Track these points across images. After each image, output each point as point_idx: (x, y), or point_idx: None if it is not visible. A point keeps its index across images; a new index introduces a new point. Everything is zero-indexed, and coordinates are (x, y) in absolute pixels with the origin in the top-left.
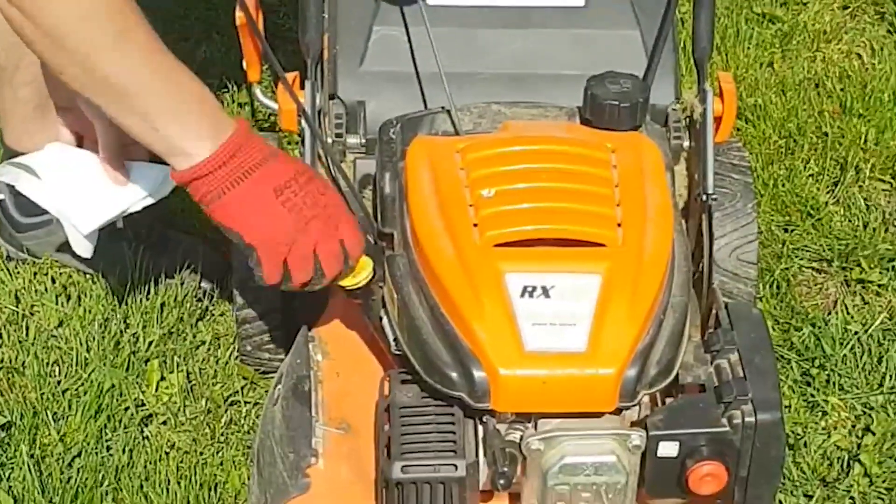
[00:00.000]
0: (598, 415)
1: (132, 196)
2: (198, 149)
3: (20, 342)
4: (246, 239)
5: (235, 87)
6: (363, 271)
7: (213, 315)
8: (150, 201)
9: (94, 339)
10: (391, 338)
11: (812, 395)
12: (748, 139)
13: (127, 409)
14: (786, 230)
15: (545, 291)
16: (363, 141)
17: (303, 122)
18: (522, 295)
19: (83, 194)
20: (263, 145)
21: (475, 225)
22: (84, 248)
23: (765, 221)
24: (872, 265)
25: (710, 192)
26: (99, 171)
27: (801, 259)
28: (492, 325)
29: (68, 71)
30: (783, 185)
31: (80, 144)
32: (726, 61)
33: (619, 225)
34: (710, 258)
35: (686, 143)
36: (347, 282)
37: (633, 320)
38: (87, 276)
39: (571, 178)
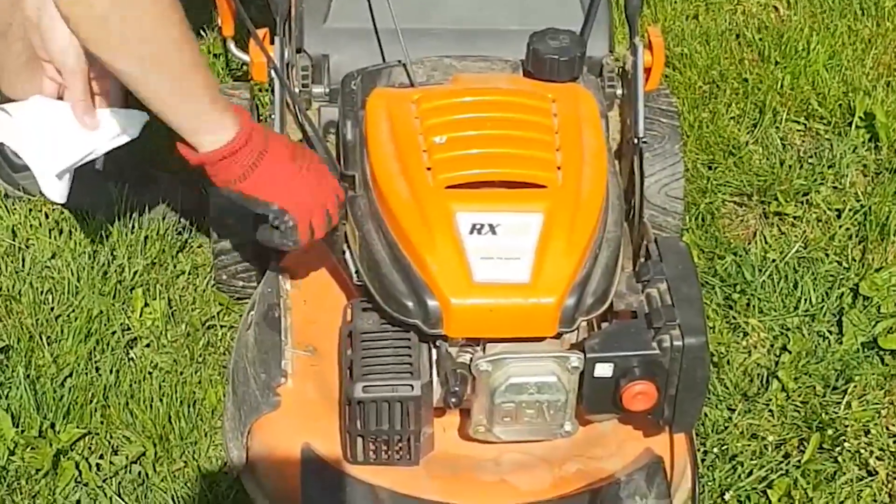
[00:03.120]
0: (541, 339)
1: (101, 138)
2: (223, 131)
3: (17, 273)
4: (280, 205)
5: (211, 41)
6: None
7: (192, 247)
8: (118, 142)
9: (84, 269)
10: (353, 270)
11: (734, 318)
12: (675, 86)
13: (114, 333)
14: (710, 168)
15: (492, 229)
16: (327, 91)
17: (272, 73)
18: (471, 232)
19: (55, 140)
20: (261, 127)
21: (428, 169)
22: (56, 193)
23: (691, 160)
24: (788, 199)
25: (640, 135)
26: (69, 117)
27: (724, 194)
28: (444, 258)
29: (105, 55)
30: (707, 127)
31: (60, 95)
32: (655, 14)
33: (558, 168)
34: (641, 195)
35: (619, 92)
36: None
37: (571, 254)
38: (78, 212)
39: (516, 126)
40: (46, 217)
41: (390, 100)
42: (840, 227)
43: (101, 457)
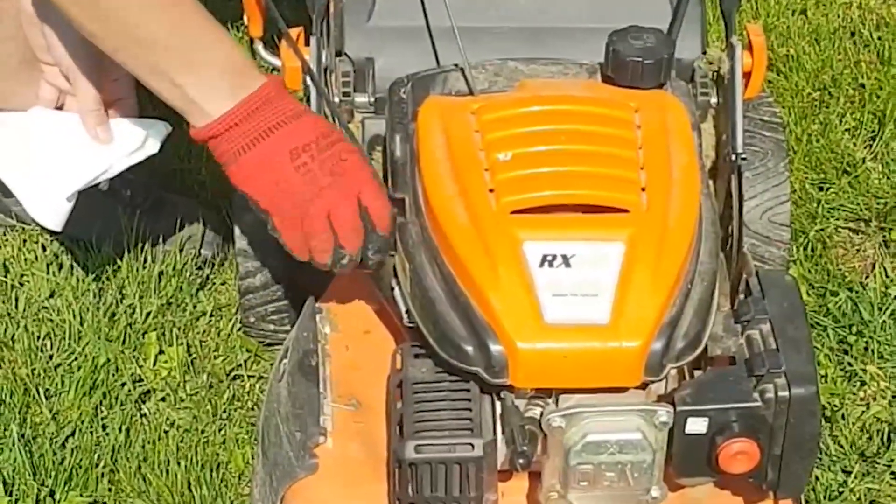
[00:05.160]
0: (623, 390)
1: (116, 154)
2: (214, 105)
3: (9, 314)
4: (261, 204)
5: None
6: None
7: (215, 284)
8: (136, 159)
9: (87, 310)
10: (403, 309)
11: (849, 365)
12: (780, 93)
13: (123, 384)
14: (820, 189)
15: (565, 260)
16: (372, 100)
17: (308, 80)
18: (542, 264)
19: (62, 158)
20: (290, 104)
21: (491, 190)
22: (51, 219)
23: (798, 180)
24: None
25: (739, 151)
26: (79, 130)
27: (837, 219)
28: (509, 296)
29: (86, 22)
30: (817, 141)
31: (60, 104)
32: (755, 9)
33: (643, 189)
34: (740, 221)
35: (713, 100)
36: None
37: (658, 290)
38: (80, 243)
39: (593, 140)
40: (44, 249)
41: (446, 110)
42: None
43: None
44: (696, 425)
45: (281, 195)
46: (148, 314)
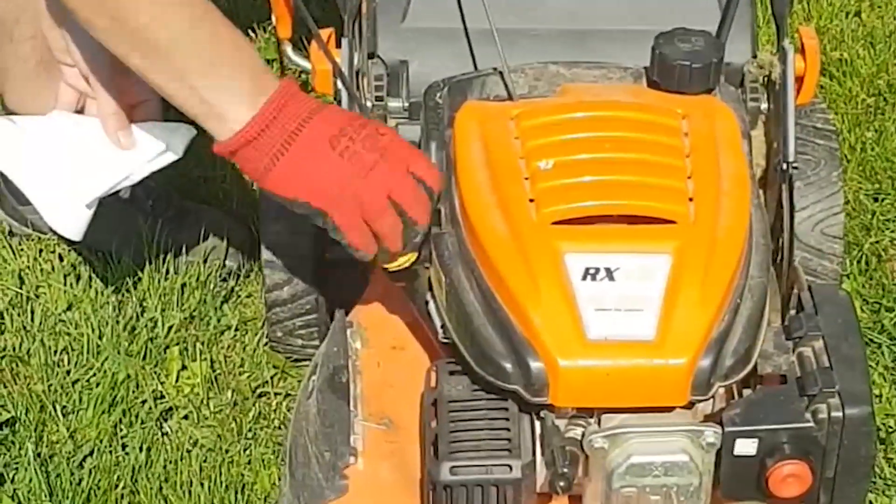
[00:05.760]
0: (669, 409)
1: (138, 160)
2: (235, 110)
3: (24, 328)
4: (314, 204)
5: (263, 44)
6: None
7: (240, 297)
8: (158, 164)
9: (106, 324)
10: (438, 324)
11: None
12: (833, 99)
13: (144, 402)
14: (875, 199)
15: (609, 273)
16: (406, 105)
17: (339, 83)
18: (584, 277)
19: (82, 164)
20: (308, 99)
21: (531, 200)
22: (70, 228)
23: (852, 190)
24: None
25: (790, 159)
26: (99, 134)
27: (893, 231)
28: (550, 310)
29: (98, 23)
30: (872, 150)
31: (80, 108)
32: (808, 11)
33: (690, 199)
34: (792, 233)
35: (764, 106)
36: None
37: (706, 305)
38: (100, 253)
39: (638, 148)
40: (61, 259)
41: (484, 116)
42: None
43: None
44: (746, 447)
45: (334, 187)
46: (170, 328)
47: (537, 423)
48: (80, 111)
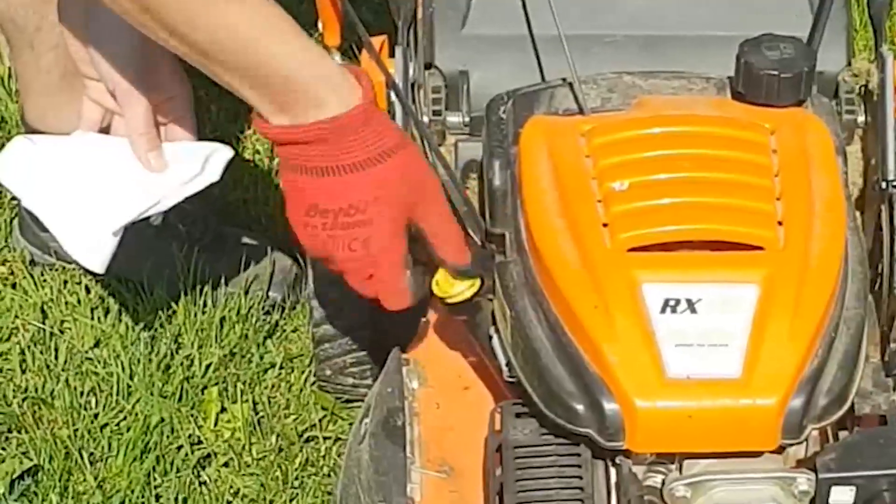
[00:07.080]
0: (757, 454)
1: (170, 183)
2: (331, 96)
3: (48, 367)
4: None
5: None
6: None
7: (285, 332)
8: (193, 188)
9: (138, 362)
10: (503, 362)
11: None
12: None
13: (180, 448)
14: None
15: (690, 305)
16: (466, 120)
17: (392, 96)
18: (663, 310)
19: (106, 188)
20: (390, 127)
21: (605, 225)
22: (94, 260)
23: None
24: None
25: (890, 178)
26: (127, 156)
27: None
28: (626, 346)
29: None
30: None
31: (107, 125)
32: None
33: (779, 223)
34: (892, 260)
35: (861, 119)
36: (449, 294)
37: (797, 339)
38: (130, 284)
39: (722, 167)
40: (88, 291)
41: (552, 132)
42: None
43: None
44: (842, 495)
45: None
46: (208, 367)
47: (612, 471)
48: (106, 129)
